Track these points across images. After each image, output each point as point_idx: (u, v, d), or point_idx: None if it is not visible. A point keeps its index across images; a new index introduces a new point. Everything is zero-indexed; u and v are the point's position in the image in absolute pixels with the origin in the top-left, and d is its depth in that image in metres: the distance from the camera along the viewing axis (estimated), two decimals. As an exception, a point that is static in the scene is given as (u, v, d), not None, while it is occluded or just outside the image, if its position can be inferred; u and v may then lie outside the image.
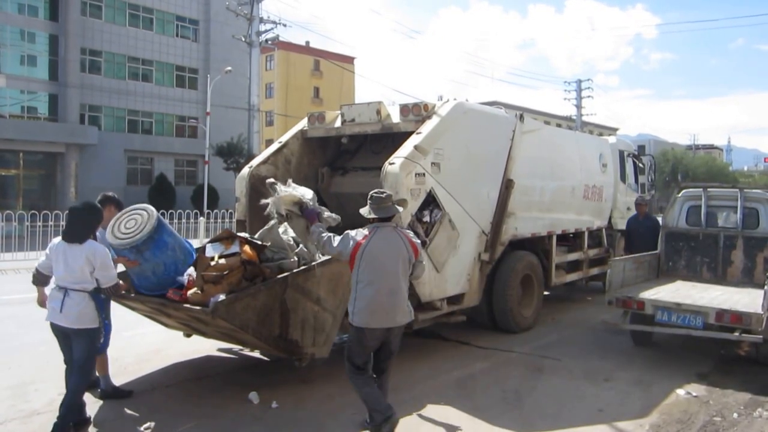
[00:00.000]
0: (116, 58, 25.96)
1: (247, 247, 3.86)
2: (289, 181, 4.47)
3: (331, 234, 3.42)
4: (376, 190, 3.34)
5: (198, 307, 3.53)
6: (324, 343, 3.89)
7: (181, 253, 3.96)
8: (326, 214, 4.23)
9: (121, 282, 3.41)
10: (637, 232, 6.75)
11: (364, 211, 3.30)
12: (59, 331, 3.28)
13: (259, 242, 4.02)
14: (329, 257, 4.05)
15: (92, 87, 24.89)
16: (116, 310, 4.10)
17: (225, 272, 3.64)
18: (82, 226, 3.24)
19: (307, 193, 4.31)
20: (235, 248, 3.81)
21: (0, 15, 23.08)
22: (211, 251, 3.87)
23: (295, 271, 3.83)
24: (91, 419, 3.46)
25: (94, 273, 3.20)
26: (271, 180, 4.50)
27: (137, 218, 3.77)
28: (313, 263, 3.92)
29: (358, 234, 3.23)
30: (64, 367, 3.43)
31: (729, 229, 5.95)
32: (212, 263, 3.72)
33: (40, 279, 3.42)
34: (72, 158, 23.84)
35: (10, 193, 23.64)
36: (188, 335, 4.52)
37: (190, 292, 3.70)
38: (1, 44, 23.29)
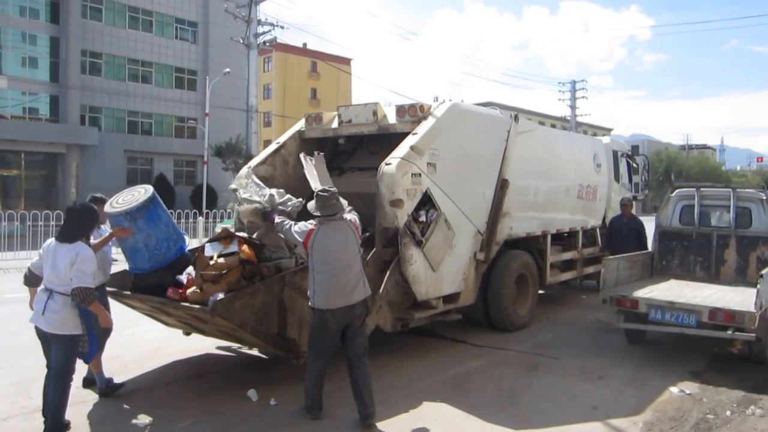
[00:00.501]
0: (116, 60, 26.03)
1: (245, 247, 3.91)
2: (251, 179, 4.49)
3: (292, 222, 3.77)
4: (321, 189, 3.58)
5: (197, 306, 3.58)
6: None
7: (173, 233, 4.07)
8: (289, 204, 4.28)
9: (93, 288, 3.09)
10: (620, 233, 6.63)
11: (311, 206, 3.54)
12: (41, 335, 3.17)
13: (258, 241, 4.08)
14: None
15: (93, 88, 24.96)
16: (116, 308, 4.16)
17: (224, 271, 3.69)
18: (75, 226, 3.20)
19: (265, 194, 4.31)
20: (233, 248, 3.87)
21: (2, 17, 23.15)
22: (210, 250, 3.93)
23: (292, 270, 3.89)
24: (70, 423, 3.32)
25: (72, 271, 3.04)
26: (232, 186, 4.50)
27: (135, 193, 3.96)
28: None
29: (310, 223, 3.54)
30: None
31: (722, 228, 5.99)
32: (211, 262, 3.78)
33: (32, 279, 3.33)
34: (73, 159, 23.90)
35: (11, 193, 23.70)
36: (188, 333, 4.57)
37: (189, 290, 3.76)
38: (2, 46, 23.37)
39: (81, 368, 3.65)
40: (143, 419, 3.50)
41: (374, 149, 5.72)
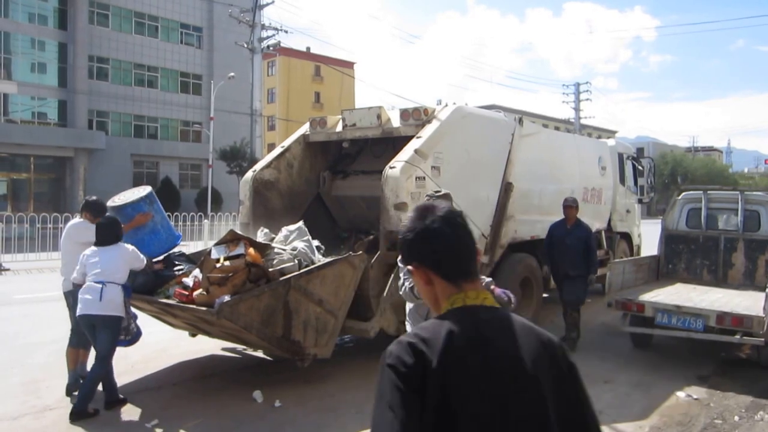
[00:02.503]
0: (123, 65, 26.30)
1: (251, 250, 3.94)
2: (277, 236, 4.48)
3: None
4: None
5: (204, 308, 3.61)
6: (326, 344, 3.95)
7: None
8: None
9: (148, 259, 3.97)
10: (562, 243, 5.29)
11: None
12: (90, 323, 3.62)
13: (264, 243, 4.11)
14: (330, 260, 4.13)
15: (100, 93, 25.23)
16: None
17: (230, 274, 3.71)
18: (112, 232, 3.79)
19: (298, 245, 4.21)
20: (240, 250, 3.89)
21: (11, 24, 23.49)
22: (216, 253, 3.96)
23: (297, 273, 3.91)
24: (126, 400, 3.75)
25: (127, 265, 3.73)
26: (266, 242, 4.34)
27: (134, 190, 4.53)
28: (314, 266, 4.00)
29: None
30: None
31: (730, 231, 5.94)
32: (217, 265, 3.80)
33: (76, 293, 3.77)
34: (80, 162, 24.14)
35: (21, 196, 23.97)
36: (193, 335, 4.60)
37: (195, 293, 3.79)
38: (12, 52, 23.69)
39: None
40: (149, 419, 3.52)
41: (378, 153, 5.74)
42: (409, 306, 2.93)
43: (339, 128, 5.61)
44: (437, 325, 0.97)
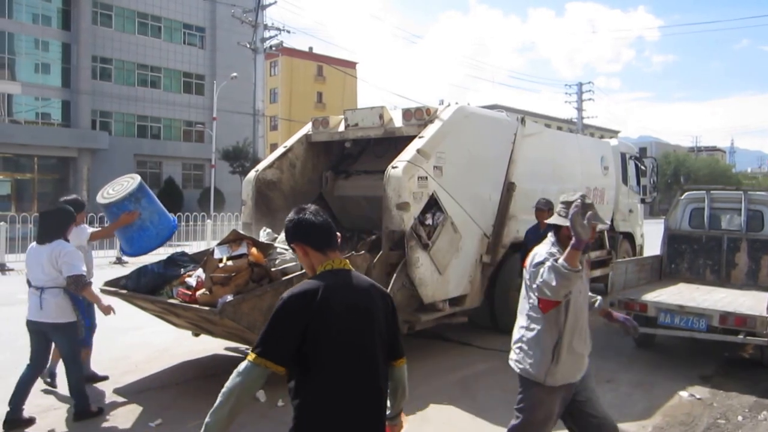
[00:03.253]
0: (126, 66, 26.39)
1: (254, 249, 3.95)
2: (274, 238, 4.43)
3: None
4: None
5: (206, 308, 3.63)
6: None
7: (162, 207, 4.40)
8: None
9: (85, 275, 3.37)
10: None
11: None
12: (37, 330, 3.44)
13: (266, 242, 4.11)
14: None
15: (103, 93, 25.33)
16: (126, 310, 4.22)
17: (233, 274, 3.73)
18: (52, 227, 3.41)
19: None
20: (242, 250, 3.91)
21: (15, 24, 23.60)
22: (219, 253, 3.97)
23: (299, 272, 3.92)
24: (102, 410, 3.63)
25: (58, 266, 3.30)
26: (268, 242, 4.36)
27: (124, 183, 4.26)
28: None
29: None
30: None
31: (733, 231, 5.93)
32: (220, 265, 3.82)
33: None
34: (84, 162, 24.25)
35: (25, 197, 24.10)
36: (196, 334, 4.62)
37: (198, 293, 3.80)
38: (16, 53, 23.82)
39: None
40: (152, 419, 3.54)
41: (380, 152, 5.75)
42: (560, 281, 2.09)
43: (341, 128, 5.62)
44: (315, 281, 1.59)
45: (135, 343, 5.15)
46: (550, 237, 2.46)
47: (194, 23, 28.36)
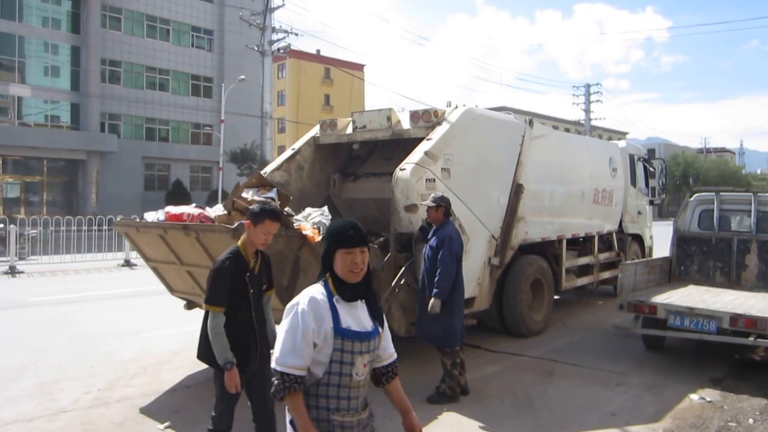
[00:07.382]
0: (134, 68, 26.67)
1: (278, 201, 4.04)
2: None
3: None
4: None
5: (221, 225, 3.53)
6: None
7: None
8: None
9: None
10: (425, 255, 3.99)
11: None
12: None
13: (286, 195, 4.25)
14: None
15: (112, 96, 25.62)
16: (135, 312, 4.26)
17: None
18: None
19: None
20: (272, 194, 4.02)
21: (25, 28, 23.95)
22: (246, 195, 4.06)
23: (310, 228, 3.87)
24: None
25: None
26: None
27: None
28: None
29: None
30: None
31: (743, 233, 5.87)
32: (246, 196, 3.92)
33: None
34: (93, 165, 24.53)
35: (34, 199, 24.44)
36: (190, 307, 4.58)
37: (215, 214, 3.87)
38: (26, 56, 24.17)
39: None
40: (162, 421, 3.57)
41: (388, 155, 5.77)
42: None
43: (349, 130, 5.65)
44: None
45: (145, 346, 5.20)
46: None
47: (202, 26, 28.60)
